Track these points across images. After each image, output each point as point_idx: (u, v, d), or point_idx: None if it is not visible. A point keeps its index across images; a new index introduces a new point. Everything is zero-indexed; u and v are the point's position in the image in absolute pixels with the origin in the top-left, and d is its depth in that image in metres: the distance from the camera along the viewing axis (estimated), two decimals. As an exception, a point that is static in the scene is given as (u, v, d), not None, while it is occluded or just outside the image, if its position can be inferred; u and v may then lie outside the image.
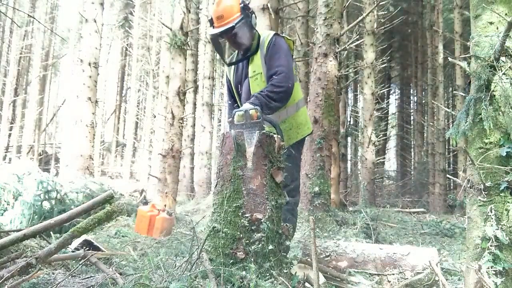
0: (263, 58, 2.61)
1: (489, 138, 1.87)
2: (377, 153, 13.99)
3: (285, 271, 2.06)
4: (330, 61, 5.80)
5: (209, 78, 13.76)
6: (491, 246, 1.79)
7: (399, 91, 25.49)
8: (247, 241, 1.95)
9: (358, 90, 19.94)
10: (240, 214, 1.99)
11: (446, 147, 14.77)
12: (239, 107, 2.75)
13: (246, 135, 2.12)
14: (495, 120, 1.85)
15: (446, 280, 2.59)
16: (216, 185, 2.15)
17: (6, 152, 19.20)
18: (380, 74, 14.95)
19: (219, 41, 2.73)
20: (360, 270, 2.67)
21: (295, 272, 2.19)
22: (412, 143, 21.19)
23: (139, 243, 3.90)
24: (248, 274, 1.80)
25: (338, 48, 5.99)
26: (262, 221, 1.98)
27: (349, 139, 18.50)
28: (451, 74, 17.27)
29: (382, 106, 15.87)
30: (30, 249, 2.62)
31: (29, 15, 15.57)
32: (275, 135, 2.17)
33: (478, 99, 1.89)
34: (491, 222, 1.80)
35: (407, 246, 2.86)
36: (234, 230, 1.97)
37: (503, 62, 1.86)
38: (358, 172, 17.11)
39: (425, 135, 18.26)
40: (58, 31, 23.28)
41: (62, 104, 24.56)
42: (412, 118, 22.02)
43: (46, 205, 4.49)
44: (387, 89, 20.08)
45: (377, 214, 5.90)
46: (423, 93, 19.10)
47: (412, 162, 21.79)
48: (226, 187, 2.05)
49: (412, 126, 20.77)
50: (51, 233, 3.25)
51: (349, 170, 19.19)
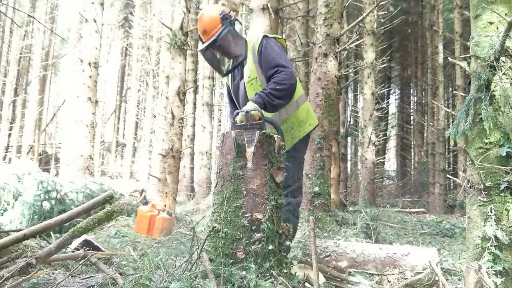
0: (256, 63, 2.61)
1: (489, 138, 1.87)
2: (377, 153, 14.00)
3: (285, 271, 2.06)
4: (330, 61, 5.80)
5: (209, 78, 13.76)
6: (491, 246, 1.79)
7: (399, 91, 25.51)
8: (247, 241, 1.95)
9: (358, 90, 19.94)
10: (240, 214, 1.99)
11: (446, 147, 14.77)
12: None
13: (247, 136, 2.11)
14: (495, 120, 1.85)
15: (446, 280, 2.59)
16: (216, 185, 2.15)
17: (6, 152, 19.20)
18: (380, 74, 14.97)
19: (210, 55, 2.74)
20: (360, 270, 2.67)
21: (295, 272, 2.19)
22: (412, 143, 21.20)
23: (139, 243, 3.90)
24: (248, 274, 1.80)
25: (338, 48, 5.99)
26: (262, 221, 1.98)
27: (349, 139, 18.51)
28: (451, 74, 17.27)
29: (382, 106, 15.87)
30: (30, 249, 2.61)
31: (29, 15, 15.56)
32: (275, 135, 2.17)
33: (478, 99, 1.89)
34: (491, 222, 1.80)
35: (407, 246, 2.86)
36: (234, 230, 1.97)
37: (503, 62, 1.86)
38: (358, 172, 17.11)
39: (425, 135, 18.27)
40: (58, 31, 23.28)
41: (62, 104, 24.56)
42: (412, 118, 22.02)
43: (46, 205, 4.49)
44: (387, 89, 20.09)
45: (377, 214, 5.90)
46: (423, 93, 19.11)
47: (412, 162, 21.79)
48: (226, 187, 2.05)
49: (412, 126, 20.77)
50: (51, 233, 3.25)
51: (349, 170, 19.20)
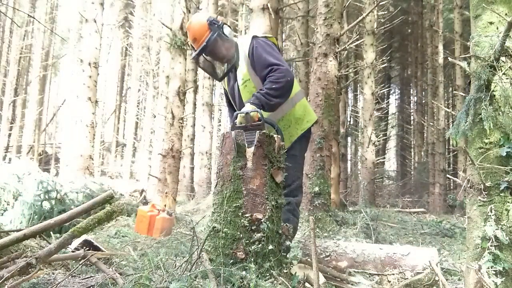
0: (249, 65, 2.61)
1: (489, 138, 1.87)
2: (377, 153, 14.00)
3: (285, 271, 2.06)
4: (330, 61, 5.80)
5: (209, 78, 13.76)
6: (491, 246, 1.79)
7: (399, 91, 25.51)
8: (247, 241, 1.95)
9: (358, 90, 19.94)
10: (240, 214, 1.99)
11: (446, 147, 14.78)
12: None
13: (247, 137, 2.11)
14: (495, 120, 1.85)
15: (446, 280, 2.59)
16: (216, 185, 2.15)
17: (6, 152, 19.19)
18: (380, 74, 14.97)
19: (203, 62, 2.75)
20: (360, 270, 2.67)
21: (295, 272, 2.19)
22: (412, 143, 21.20)
23: (139, 243, 3.89)
24: (248, 274, 1.80)
25: (338, 48, 5.99)
26: (262, 221, 1.98)
27: (349, 139, 18.52)
28: (451, 74, 17.26)
29: (382, 106, 15.88)
30: (30, 249, 2.61)
31: (29, 15, 15.58)
32: (275, 135, 2.17)
33: (478, 99, 1.89)
34: (491, 222, 1.80)
35: (407, 246, 2.86)
36: (234, 230, 1.97)
37: (503, 62, 1.86)
38: (358, 172, 17.11)
39: (425, 135, 18.27)
40: (58, 31, 23.27)
41: (62, 104, 24.56)
42: (412, 118, 22.02)
43: (46, 205, 4.49)
44: (387, 89, 20.09)
45: (377, 214, 5.90)
46: (423, 93, 19.11)
47: (412, 162, 21.80)
48: (226, 187, 2.06)
49: (412, 126, 20.77)
50: (51, 233, 3.25)
51: (349, 170, 19.20)
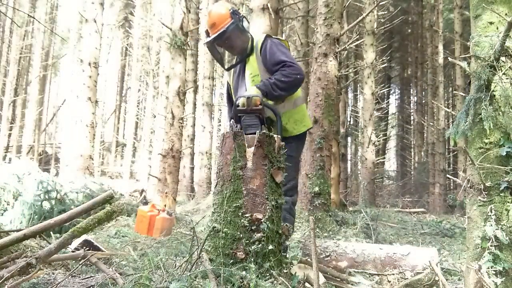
0: (259, 61, 2.68)
1: (489, 138, 1.87)
2: (377, 153, 14.00)
3: (285, 271, 2.06)
4: (330, 61, 5.80)
5: (209, 78, 13.76)
6: (491, 246, 1.79)
7: (399, 91, 25.51)
8: (247, 241, 1.95)
9: (358, 90, 19.94)
10: (240, 214, 1.99)
11: (446, 147, 14.77)
12: None
13: (246, 120, 2.23)
14: (495, 120, 1.85)
15: (446, 280, 2.59)
16: (216, 185, 2.16)
17: (6, 152, 19.18)
18: (380, 74, 14.97)
19: (216, 48, 2.80)
20: (360, 270, 2.67)
21: (295, 272, 2.19)
22: (412, 143, 21.20)
23: (139, 243, 3.89)
24: (248, 274, 1.80)
25: (338, 48, 5.99)
26: (262, 221, 1.98)
27: (349, 139, 18.51)
28: (451, 74, 17.26)
29: (382, 106, 15.88)
30: (30, 249, 2.61)
31: (29, 15, 15.57)
32: (275, 136, 2.17)
33: (478, 99, 1.89)
34: (491, 222, 1.80)
35: (407, 246, 2.86)
36: (234, 230, 1.97)
37: (503, 62, 1.86)
38: (358, 172, 17.12)
39: (425, 135, 18.27)
40: (58, 31, 23.27)
41: (62, 104, 24.56)
42: (412, 118, 22.02)
43: (46, 205, 4.49)
44: (387, 89, 20.09)
45: (377, 214, 5.90)
46: (423, 93, 19.11)
47: (412, 162, 21.80)
48: (226, 187, 2.05)
49: (412, 126, 20.77)
50: (51, 233, 3.25)
51: (349, 170, 19.20)
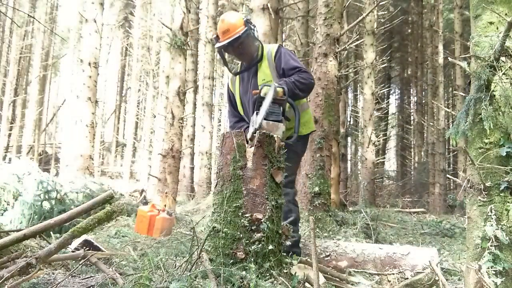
0: (272, 67, 2.78)
1: (489, 138, 1.87)
2: (377, 153, 14.01)
3: (285, 271, 2.06)
4: (330, 61, 5.79)
5: (209, 78, 13.76)
6: (491, 246, 1.79)
7: (399, 91, 25.50)
8: (247, 241, 1.95)
9: (358, 90, 19.94)
10: (240, 214, 1.99)
11: (446, 147, 14.77)
12: (245, 122, 2.92)
13: (269, 108, 2.30)
14: (495, 120, 1.85)
15: (446, 280, 2.59)
16: (216, 185, 2.16)
17: (6, 152, 19.18)
18: (380, 74, 14.97)
19: (225, 54, 2.91)
20: (360, 270, 2.67)
21: (295, 272, 2.19)
22: (412, 143, 21.19)
23: (139, 243, 3.89)
24: (248, 274, 1.80)
25: (338, 48, 5.99)
26: (262, 221, 1.98)
27: (349, 139, 18.51)
28: (451, 74, 17.26)
29: (382, 106, 15.88)
30: (30, 249, 2.61)
31: (29, 15, 15.57)
32: (275, 135, 2.17)
33: (478, 99, 1.89)
34: (491, 222, 1.80)
35: (407, 246, 2.86)
36: (234, 230, 1.97)
37: (503, 62, 1.86)
38: (358, 172, 17.12)
39: (425, 135, 18.27)
40: (58, 31, 23.26)
41: (62, 104, 24.56)
42: (412, 118, 22.02)
43: (46, 205, 4.49)
44: (387, 89, 20.08)
45: (377, 214, 5.90)
46: (423, 93, 19.10)
47: (412, 162, 21.80)
48: (226, 187, 2.05)
49: (412, 126, 20.77)
50: (51, 233, 3.25)
51: (349, 170, 19.19)
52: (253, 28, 2.79)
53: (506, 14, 1.87)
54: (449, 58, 3.08)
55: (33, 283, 1.98)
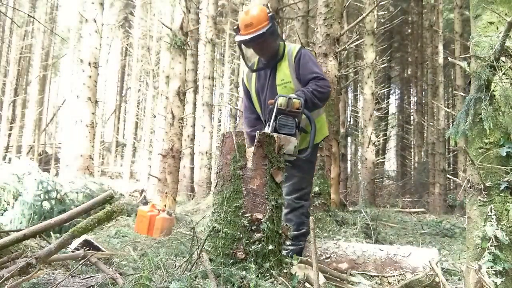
0: (292, 68, 2.69)
1: (489, 138, 1.87)
2: (377, 153, 14.00)
3: (285, 271, 2.06)
4: (330, 61, 5.79)
5: (209, 78, 13.76)
6: (491, 246, 1.79)
7: (399, 91, 25.50)
8: (247, 241, 1.95)
9: (358, 90, 19.94)
10: (240, 214, 1.99)
11: (446, 147, 14.77)
12: (261, 120, 2.85)
13: (282, 120, 2.28)
14: (495, 120, 1.85)
15: (446, 280, 2.59)
16: (216, 185, 2.15)
17: (6, 152, 19.18)
18: (380, 74, 14.97)
19: (244, 47, 2.80)
20: (360, 272, 2.66)
21: (295, 272, 2.19)
22: (412, 143, 21.19)
23: (139, 243, 3.89)
24: (248, 274, 1.80)
25: (338, 48, 5.98)
26: (262, 221, 1.98)
27: (349, 139, 18.51)
28: (451, 74, 17.26)
29: (382, 106, 15.88)
30: (30, 249, 2.61)
31: (29, 15, 15.58)
32: (275, 135, 2.17)
33: (478, 99, 1.89)
34: (491, 222, 1.80)
35: (408, 247, 2.85)
36: (234, 230, 1.97)
37: (503, 62, 1.86)
38: (358, 172, 17.11)
39: (425, 135, 18.26)
40: (58, 31, 23.26)
41: (62, 104, 24.55)
42: (412, 118, 22.01)
43: (46, 205, 4.49)
44: (387, 89, 20.08)
45: (377, 214, 5.89)
46: (423, 93, 19.10)
47: (412, 162, 21.79)
48: (226, 187, 2.05)
49: (412, 126, 20.77)
50: (51, 233, 3.25)
51: (349, 170, 19.19)
52: (277, 24, 2.67)
53: (506, 14, 1.87)
54: (449, 58, 3.08)
55: (33, 283, 1.98)
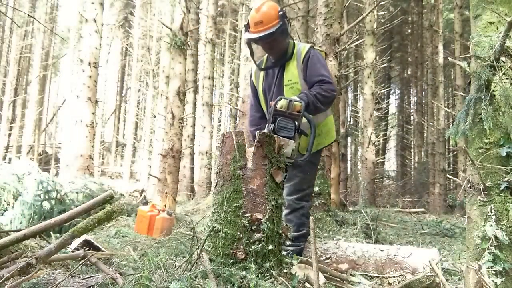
0: (299, 69, 2.65)
1: (489, 138, 1.87)
2: (377, 153, 14.00)
3: (285, 271, 2.06)
4: (330, 61, 5.80)
5: (209, 78, 13.76)
6: (491, 246, 1.79)
7: (399, 91, 25.50)
8: (247, 241, 1.95)
9: (358, 90, 19.94)
10: (240, 214, 1.99)
11: (446, 147, 14.77)
12: (265, 120, 2.79)
13: (281, 122, 2.26)
14: (495, 120, 1.84)
15: (446, 280, 2.59)
16: (216, 185, 2.15)
17: (6, 152, 19.18)
18: (380, 74, 14.98)
19: (253, 45, 2.77)
20: (361, 272, 2.66)
21: (295, 272, 2.19)
22: (412, 143, 21.19)
23: (139, 243, 3.89)
24: (248, 274, 1.80)
25: (338, 48, 5.99)
26: (262, 221, 1.98)
27: (349, 139, 18.50)
28: (451, 74, 17.26)
29: (382, 106, 15.89)
30: (30, 249, 2.61)
31: (29, 15, 15.56)
32: (275, 135, 2.17)
33: (478, 99, 1.89)
34: (491, 222, 1.80)
35: (408, 247, 2.84)
36: (234, 230, 1.97)
37: (503, 62, 1.86)
38: (358, 172, 17.11)
39: (425, 135, 18.26)
40: (58, 31, 23.27)
41: (62, 104, 24.55)
42: (412, 118, 22.02)
43: (46, 205, 4.49)
44: (387, 89, 20.08)
45: (377, 214, 5.89)
46: (423, 93, 19.10)
47: (412, 162, 21.79)
48: (226, 187, 2.05)
49: (412, 126, 20.77)
50: (51, 233, 3.25)
51: (349, 170, 19.18)
52: (287, 23, 2.61)
53: (506, 14, 1.87)
54: (449, 58, 3.08)
55: (33, 283, 1.98)
